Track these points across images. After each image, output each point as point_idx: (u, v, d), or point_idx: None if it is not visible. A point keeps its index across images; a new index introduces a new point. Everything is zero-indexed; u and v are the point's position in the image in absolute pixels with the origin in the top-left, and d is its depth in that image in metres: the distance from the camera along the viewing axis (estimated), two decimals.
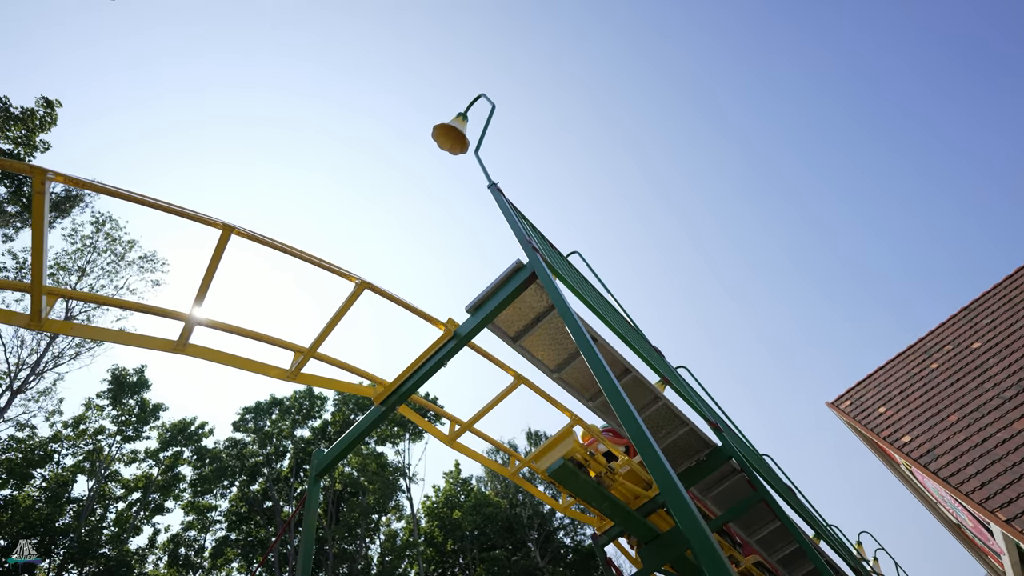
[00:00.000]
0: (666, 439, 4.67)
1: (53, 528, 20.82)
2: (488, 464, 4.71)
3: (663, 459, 2.00)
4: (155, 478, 25.88)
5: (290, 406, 28.56)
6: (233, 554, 25.57)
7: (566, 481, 4.19)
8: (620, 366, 4.14)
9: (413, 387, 3.35)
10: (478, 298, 3.31)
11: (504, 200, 4.25)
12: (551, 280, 3.07)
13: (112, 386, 25.59)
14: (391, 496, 27.81)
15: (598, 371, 2.52)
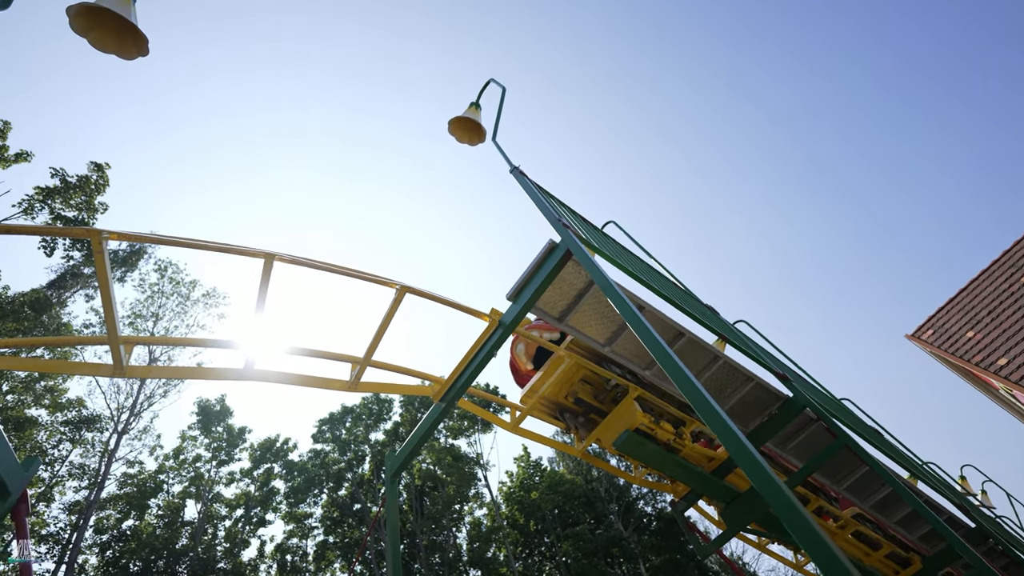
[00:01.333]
0: (731, 398, 4.53)
1: (174, 550, 22.99)
2: (554, 445, 4.75)
3: (728, 421, 1.94)
4: (253, 494, 27.92)
5: (361, 412, 29.89)
6: (333, 556, 27.28)
7: (634, 452, 4.16)
8: (672, 331, 4.04)
9: (468, 380, 3.41)
10: (517, 284, 3.31)
11: (528, 182, 4.20)
12: (586, 255, 3.02)
13: (200, 416, 27.70)
14: (469, 485, 28.70)
15: (647, 339, 2.46)
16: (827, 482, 5.76)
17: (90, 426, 22.78)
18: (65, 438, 22.26)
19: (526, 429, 4.17)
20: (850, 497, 5.88)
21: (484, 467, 29.54)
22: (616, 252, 4.13)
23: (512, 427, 3.98)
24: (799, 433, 5.11)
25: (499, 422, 3.95)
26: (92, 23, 3.41)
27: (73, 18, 3.31)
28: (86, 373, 2.41)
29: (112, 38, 3.51)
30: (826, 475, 5.69)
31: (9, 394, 19.74)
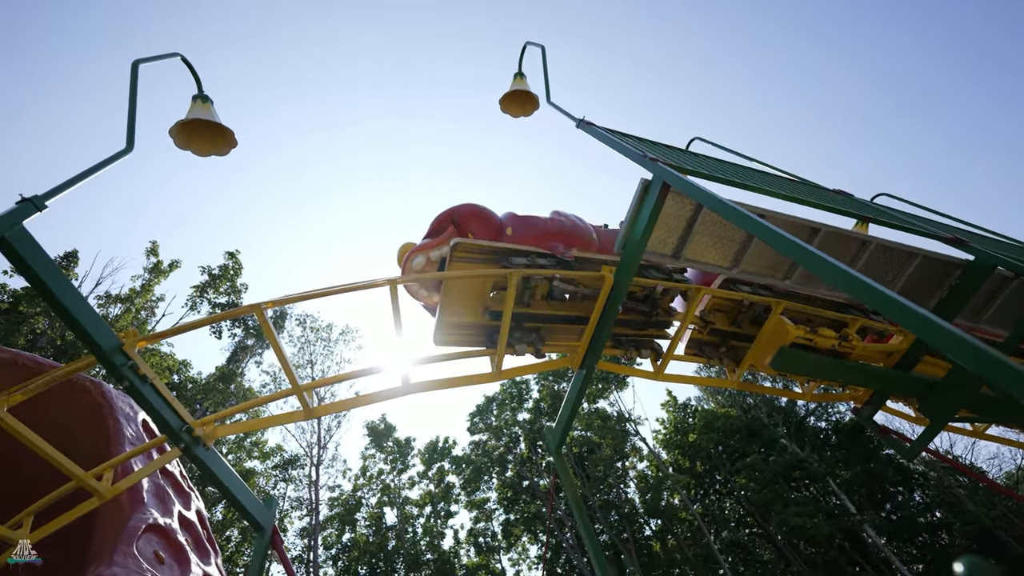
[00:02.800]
0: (896, 281, 3.99)
1: (387, 551, 26.44)
2: (704, 383, 4.59)
3: (907, 303, 1.71)
4: (434, 492, 30.94)
5: (503, 399, 31.46)
6: (518, 531, 29.34)
7: (795, 368, 3.86)
8: (804, 229, 3.65)
9: (601, 342, 3.40)
10: (621, 235, 3.21)
11: (597, 130, 4.04)
12: (685, 181, 2.82)
13: (371, 437, 31.24)
14: (624, 442, 28.94)
15: (781, 245, 2.24)
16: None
17: (293, 465, 26.85)
18: (278, 479, 26.50)
19: (671, 374, 4.07)
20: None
21: (634, 422, 29.57)
22: (714, 168, 3.82)
23: (656, 374, 3.91)
24: (992, 299, 4.36)
25: (642, 373, 3.91)
26: (190, 135, 3.92)
27: (175, 136, 3.84)
28: (287, 422, 2.85)
29: (208, 142, 4.01)
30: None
31: (229, 454, 23.93)
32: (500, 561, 29.89)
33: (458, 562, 28.84)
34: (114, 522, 4.27)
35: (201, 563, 4.90)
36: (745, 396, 29.36)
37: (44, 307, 17.49)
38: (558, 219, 3.97)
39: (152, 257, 21.26)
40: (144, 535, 4.42)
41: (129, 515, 4.37)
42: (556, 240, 3.72)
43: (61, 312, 2.16)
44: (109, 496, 2.73)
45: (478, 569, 28.97)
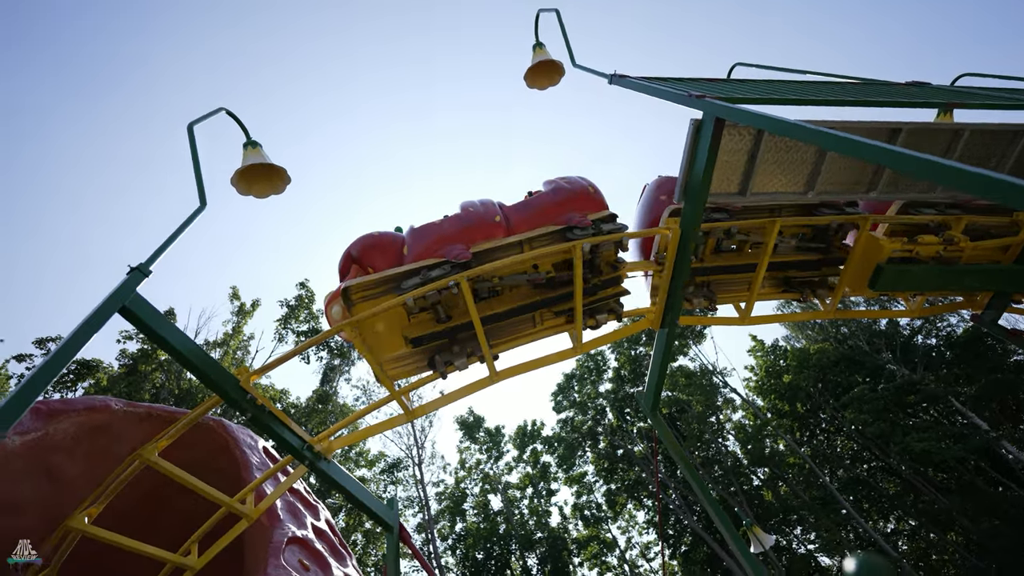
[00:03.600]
0: (1003, 163, 3.54)
1: (499, 535, 27.53)
2: (795, 318, 4.33)
3: None
4: (532, 474, 31.70)
5: (581, 374, 31.50)
6: (622, 499, 29.46)
7: (898, 284, 3.56)
8: (882, 132, 3.31)
9: (678, 296, 3.30)
10: (680, 183, 3.08)
11: (632, 80, 3.86)
12: (737, 110, 2.64)
13: (463, 430, 32.43)
14: (714, 396, 28.11)
15: (862, 151, 2.05)
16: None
17: (397, 468, 28.49)
18: (387, 482, 28.24)
19: (758, 316, 3.87)
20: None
21: (721, 374, 28.61)
22: (765, 90, 3.55)
23: (743, 319, 3.73)
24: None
25: (728, 321, 3.75)
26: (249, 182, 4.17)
27: (237, 185, 4.10)
28: (391, 427, 3.03)
29: (265, 184, 4.24)
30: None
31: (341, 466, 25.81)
32: (609, 530, 30.23)
33: (568, 537, 29.49)
34: (260, 539, 4.74)
35: (339, 567, 5.35)
36: (839, 327, 27.50)
37: (159, 363, 19.53)
38: (453, 217, 3.53)
39: (236, 301, 23.07)
40: (288, 547, 4.88)
41: (271, 532, 4.84)
42: (453, 240, 3.32)
43: (184, 362, 2.41)
44: (255, 516, 3.03)
45: (589, 541, 29.47)
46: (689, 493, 25.96)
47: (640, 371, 29.04)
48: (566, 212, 3.33)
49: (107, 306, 2.14)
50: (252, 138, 4.23)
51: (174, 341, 2.36)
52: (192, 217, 3.08)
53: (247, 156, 4.16)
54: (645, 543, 30.16)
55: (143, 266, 2.38)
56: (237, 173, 4.05)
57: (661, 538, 26.58)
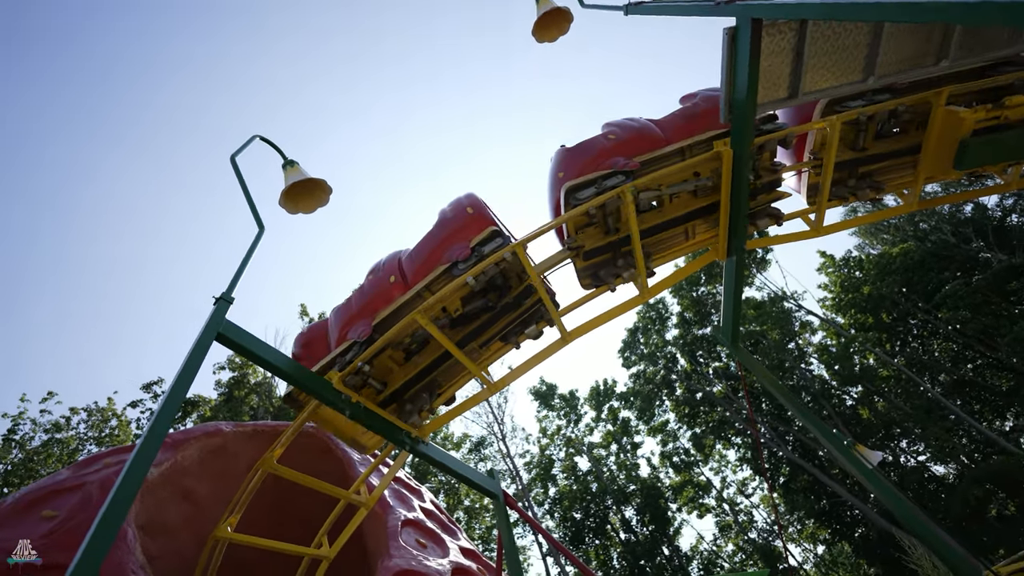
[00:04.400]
0: None
1: (591, 493, 28.17)
2: (875, 218, 4.01)
3: None
4: (614, 431, 31.98)
5: (645, 325, 31.06)
6: (709, 441, 29.19)
7: (988, 158, 3.21)
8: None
9: (742, 222, 3.14)
10: (723, 101, 2.88)
11: (650, 5, 3.63)
12: (776, 4, 2.42)
13: (538, 400, 33.07)
14: (789, 322, 26.94)
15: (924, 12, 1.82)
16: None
17: (483, 446, 29.60)
18: (475, 461, 29.46)
19: (831, 225, 3.62)
20: None
21: (793, 298, 27.31)
22: None
23: (815, 230, 3.50)
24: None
25: (797, 236, 3.53)
26: (295, 199, 4.32)
27: (284, 205, 4.26)
28: (476, 402, 3.13)
29: (310, 198, 4.37)
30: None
31: None
32: (701, 473, 30.14)
33: (661, 485, 29.70)
34: (377, 526, 5.10)
35: (452, 541, 5.67)
36: (917, 223, 25.36)
37: (250, 387, 21.11)
38: (356, 292, 3.40)
39: (305, 317, 24.37)
40: (403, 529, 5.22)
41: (386, 518, 5.18)
42: (356, 319, 3.20)
43: (282, 375, 2.59)
44: (371, 503, 3.25)
45: (683, 486, 29.55)
46: (779, 424, 25.29)
47: (705, 312, 28.25)
48: (447, 248, 3.17)
49: (205, 336, 2.31)
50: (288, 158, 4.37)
51: (269, 357, 2.54)
52: (255, 242, 3.24)
53: (288, 176, 4.29)
54: (741, 480, 29.88)
55: (225, 295, 2.55)
56: (283, 194, 4.19)
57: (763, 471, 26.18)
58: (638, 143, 3.37)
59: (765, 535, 27.84)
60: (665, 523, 27.47)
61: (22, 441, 19.97)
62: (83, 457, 5.20)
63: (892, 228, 26.31)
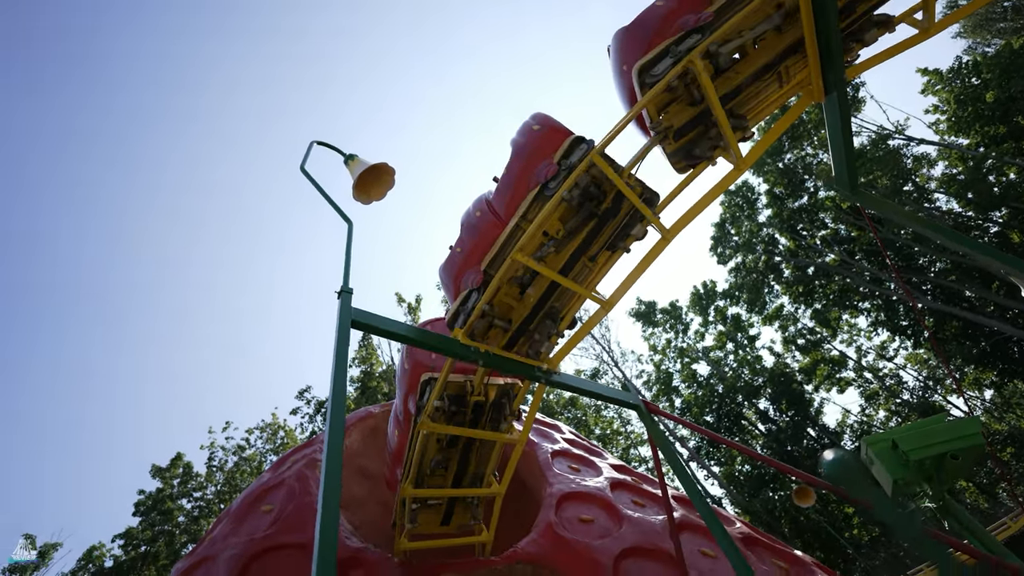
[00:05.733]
0: None
1: (718, 395, 27.87)
2: None
3: None
4: (726, 330, 31.01)
5: (733, 214, 29.14)
6: (833, 314, 27.32)
7: None
8: None
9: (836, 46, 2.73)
10: None
11: None
12: None
13: (639, 320, 32.87)
14: (896, 160, 23.78)
15: None
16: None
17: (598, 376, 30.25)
18: None
19: (945, 18, 3.03)
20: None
21: (896, 130, 23.92)
22: None
23: (927, 30, 2.95)
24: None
25: (906, 44, 3.01)
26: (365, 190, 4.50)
27: (357, 198, 4.45)
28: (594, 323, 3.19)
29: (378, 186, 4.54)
30: None
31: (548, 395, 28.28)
32: (832, 349, 28.50)
33: (791, 370, 28.59)
34: (531, 463, 5.48)
35: (601, 461, 5.95)
36: None
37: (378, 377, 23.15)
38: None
39: (403, 303, 25.95)
40: (554, 460, 5.56)
41: (536, 454, 5.55)
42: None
43: (413, 342, 2.81)
44: (524, 439, 3.49)
45: (814, 366, 28.22)
46: (913, 275, 22.92)
47: (796, 181, 25.77)
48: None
49: (342, 325, 2.54)
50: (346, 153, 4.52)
51: (399, 330, 2.75)
52: (349, 236, 3.45)
53: (352, 169, 4.45)
54: (879, 344, 27.86)
55: (344, 287, 2.77)
56: (354, 188, 4.37)
57: (918, 314, 24.21)
58: (480, 243, 3.14)
59: (919, 394, 26.01)
60: (804, 406, 26.61)
61: (220, 466, 23.88)
62: (269, 463, 6.11)
63: (1012, 11, 21.72)
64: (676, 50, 2.76)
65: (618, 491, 4.95)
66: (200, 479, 23.09)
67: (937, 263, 23.09)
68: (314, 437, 6.42)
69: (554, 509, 4.48)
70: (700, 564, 3.97)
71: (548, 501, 4.62)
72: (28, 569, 19.90)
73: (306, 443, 6.13)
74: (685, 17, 2.81)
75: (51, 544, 20.89)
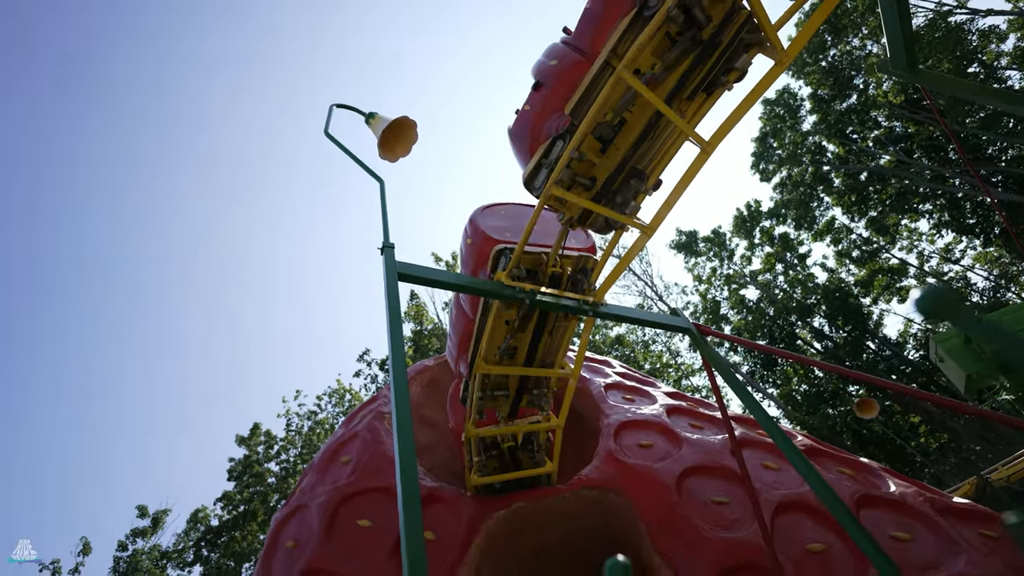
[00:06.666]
0: None
1: (769, 318, 27.20)
2: None
3: None
4: (774, 251, 29.80)
5: (774, 125, 27.29)
6: (891, 219, 25.65)
7: None
8: None
9: None
10: None
11: None
12: None
13: (680, 251, 32.02)
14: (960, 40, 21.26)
15: None
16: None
17: None
18: (640, 328, 30.24)
19: None
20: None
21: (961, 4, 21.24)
22: None
23: None
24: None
25: None
26: (390, 147, 4.49)
27: (384, 156, 4.45)
28: (637, 251, 3.13)
29: (402, 140, 4.51)
30: None
31: (595, 335, 28.46)
32: (890, 257, 26.98)
33: (846, 285, 27.42)
34: (585, 398, 5.62)
35: (655, 389, 6.03)
36: None
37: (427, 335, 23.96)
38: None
39: (440, 263, 26.34)
40: (608, 392, 5.68)
41: (590, 388, 5.68)
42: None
43: (462, 288, 2.88)
44: (578, 372, 3.58)
45: (871, 277, 26.92)
46: (982, 168, 21.02)
47: (843, 79, 23.62)
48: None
49: (390, 279, 2.61)
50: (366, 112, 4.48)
51: (446, 278, 2.81)
52: (382, 194, 3.48)
53: (375, 127, 4.43)
54: (942, 247, 26.12)
55: (385, 243, 2.83)
56: (379, 147, 4.36)
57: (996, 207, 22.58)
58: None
59: (989, 294, 24.47)
60: (862, 320, 25.66)
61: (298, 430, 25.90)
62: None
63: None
64: (547, 161, 2.80)
65: (674, 416, 5.03)
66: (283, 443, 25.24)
67: (1009, 150, 20.98)
68: (378, 393, 6.80)
69: (612, 438, 4.62)
70: (764, 476, 4.04)
71: (606, 431, 4.77)
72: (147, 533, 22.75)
73: (370, 399, 6.52)
74: (548, 123, 2.80)
75: (162, 511, 23.66)
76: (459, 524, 4.14)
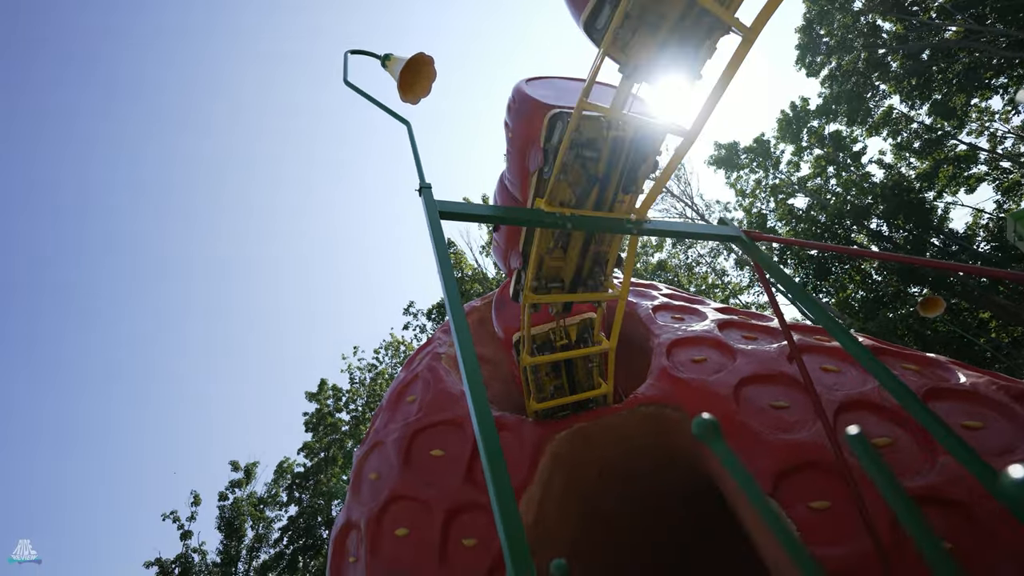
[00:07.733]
0: None
1: (820, 224, 25.79)
2: None
3: None
4: (824, 153, 27.76)
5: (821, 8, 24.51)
6: (957, 100, 23.10)
7: None
8: None
9: None
10: None
11: None
12: None
13: (721, 167, 30.34)
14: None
15: None
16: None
17: None
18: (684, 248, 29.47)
19: None
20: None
21: None
22: None
23: None
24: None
25: None
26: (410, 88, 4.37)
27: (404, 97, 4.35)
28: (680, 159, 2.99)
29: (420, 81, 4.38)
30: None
31: (641, 256, 28.05)
32: (957, 143, 24.55)
33: (906, 180, 25.37)
34: (632, 322, 5.64)
35: (703, 307, 5.96)
36: None
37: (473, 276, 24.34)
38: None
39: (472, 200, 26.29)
40: (656, 313, 5.67)
41: (638, 311, 5.68)
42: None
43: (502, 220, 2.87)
44: (625, 293, 3.58)
45: (935, 168, 24.72)
46: None
47: None
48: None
49: (432, 218, 2.64)
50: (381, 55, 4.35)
51: (485, 211, 2.81)
52: (411, 136, 3.45)
53: (392, 69, 4.31)
54: (1019, 125, 23.45)
55: (422, 183, 2.83)
56: (399, 89, 4.26)
57: None
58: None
59: None
60: (925, 215, 23.89)
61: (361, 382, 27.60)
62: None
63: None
64: (515, 289, 3.43)
65: (727, 330, 5.00)
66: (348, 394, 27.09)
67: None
68: (431, 337, 7.09)
69: (665, 355, 4.67)
70: (824, 380, 4.01)
71: (658, 350, 4.81)
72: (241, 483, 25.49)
73: (426, 343, 6.81)
74: (511, 256, 3.34)
75: (251, 463, 26.29)
76: (523, 448, 4.40)
